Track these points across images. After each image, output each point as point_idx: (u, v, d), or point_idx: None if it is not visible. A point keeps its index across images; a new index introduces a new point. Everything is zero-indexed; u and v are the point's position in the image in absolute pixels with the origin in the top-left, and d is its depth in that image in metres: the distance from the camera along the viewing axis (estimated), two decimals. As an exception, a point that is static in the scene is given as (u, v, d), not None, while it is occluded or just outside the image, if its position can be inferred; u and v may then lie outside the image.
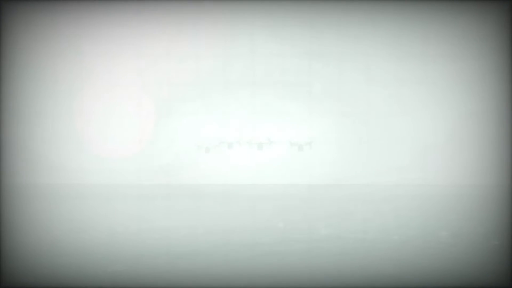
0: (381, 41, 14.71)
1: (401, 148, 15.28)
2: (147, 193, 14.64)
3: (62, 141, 15.31)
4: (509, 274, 7.21)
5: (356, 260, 7.95)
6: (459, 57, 15.01)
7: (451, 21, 14.93)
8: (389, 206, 13.05)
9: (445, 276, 7.13)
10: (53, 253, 8.34)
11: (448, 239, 9.48)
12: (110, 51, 15.16)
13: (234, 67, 14.81)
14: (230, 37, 14.91)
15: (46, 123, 15.31)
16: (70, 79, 15.21)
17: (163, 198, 14.07)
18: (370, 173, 15.31)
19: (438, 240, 9.30)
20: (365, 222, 11.02)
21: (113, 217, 11.52)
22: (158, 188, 15.04)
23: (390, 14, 14.89)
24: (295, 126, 14.72)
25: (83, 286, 6.52)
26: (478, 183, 15.16)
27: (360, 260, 7.92)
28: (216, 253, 8.27)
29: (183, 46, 15.16)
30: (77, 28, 15.00)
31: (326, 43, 14.49)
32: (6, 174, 15.11)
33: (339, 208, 12.73)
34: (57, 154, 15.28)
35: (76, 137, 15.29)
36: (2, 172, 15.06)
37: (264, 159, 14.91)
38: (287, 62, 14.83)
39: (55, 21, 15.00)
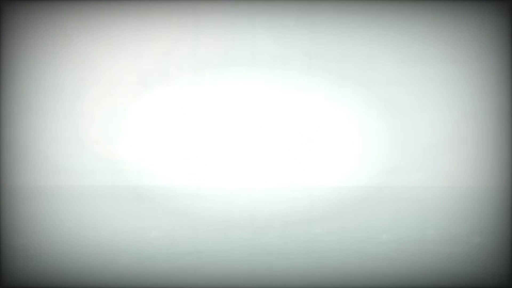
0: (383, 41, 14.74)
1: (400, 149, 15.30)
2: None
3: (63, 141, 15.33)
4: (507, 274, 7.25)
5: (340, 257, 7.98)
6: (459, 57, 15.03)
7: (450, 22, 14.94)
8: (394, 207, 13.07)
9: (438, 276, 7.16)
10: (53, 253, 8.36)
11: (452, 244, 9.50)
12: (112, 50, 15.18)
13: (235, 62, 14.84)
14: (230, 35, 14.93)
15: (46, 123, 15.33)
16: (71, 79, 15.22)
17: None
18: (368, 174, 15.33)
19: (437, 242, 9.33)
20: (363, 221, 11.05)
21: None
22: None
23: (390, 14, 14.91)
24: (296, 119, 14.72)
25: (83, 286, 6.55)
26: (479, 185, 15.18)
27: (345, 257, 7.95)
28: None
29: (183, 46, 15.18)
30: (78, 27, 15.01)
31: (326, 42, 14.51)
32: (6, 175, 15.13)
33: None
34: (58, 155, 15.30)
35: (78, 137, 15.31)
36: (2, 172, 15.08)
37: (265, 155, 14.88)
38: (289, 60, 14.86)
39: (56, 21, 15.02)
